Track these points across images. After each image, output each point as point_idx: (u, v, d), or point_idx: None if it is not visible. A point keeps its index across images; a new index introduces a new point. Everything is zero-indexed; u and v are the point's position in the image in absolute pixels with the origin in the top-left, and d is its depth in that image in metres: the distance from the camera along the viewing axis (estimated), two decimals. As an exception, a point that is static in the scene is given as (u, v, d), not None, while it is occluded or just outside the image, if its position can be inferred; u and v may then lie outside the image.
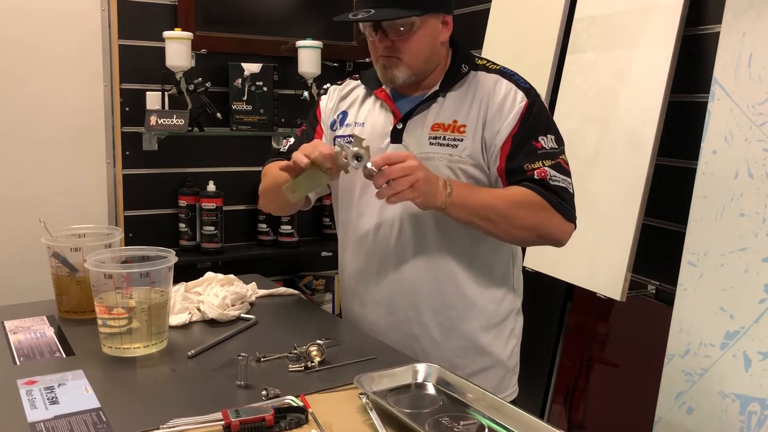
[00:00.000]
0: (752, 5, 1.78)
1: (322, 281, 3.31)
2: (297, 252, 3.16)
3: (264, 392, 1.14)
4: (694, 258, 1.87)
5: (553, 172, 1.43)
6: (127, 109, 2.89)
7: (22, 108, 2.72)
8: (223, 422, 1.01)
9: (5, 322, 1.51)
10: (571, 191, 1.46)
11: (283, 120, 3.13)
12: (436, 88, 1.49)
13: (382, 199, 1.33)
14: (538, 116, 1.45)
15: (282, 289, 1.78)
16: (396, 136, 1.50)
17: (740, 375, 1.72)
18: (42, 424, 1.05)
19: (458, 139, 1.46)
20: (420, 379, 1.21)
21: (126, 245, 1.86)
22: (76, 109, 2.81)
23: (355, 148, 1.31)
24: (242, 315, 1.56)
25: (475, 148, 1.45)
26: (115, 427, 1.05)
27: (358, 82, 1.64)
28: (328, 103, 1.65)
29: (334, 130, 1.60)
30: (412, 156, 1.35)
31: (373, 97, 1.57)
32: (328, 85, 1.70)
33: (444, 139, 1.46)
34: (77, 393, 1.16)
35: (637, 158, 1.99)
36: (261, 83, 3.00)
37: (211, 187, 2.98)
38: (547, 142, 1.45)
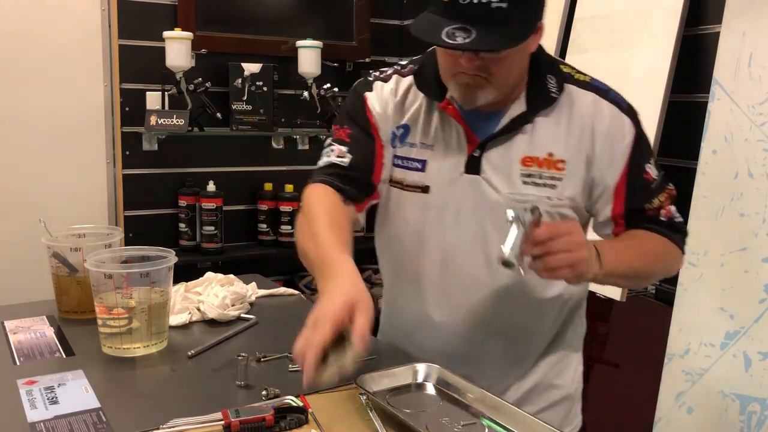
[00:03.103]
0: (752, 5, 1.78)
1: (322, 281, 3.30)
2: (297, 252, 3.15)
3: (264, 392, 1.14)
4: (694, 258, 1.87)
5: (673, 209, 1.29)
6: (127, 109, 2.89)
7: (22, 108, 2.72)
8: (223, 422, 1.01)
9: (5, 322, 1.51)
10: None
11: (283, 120, 3.13)
12: (523, 108, 1.21)
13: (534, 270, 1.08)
14: (645, 143, 1.25)
15: (282, 289, 1.78)
16: (473, 167, 1.23)
17: (740, 375, 1.72)
18: (42, 424, 1.05)
19: (557, 178, 1.21)
20: (420, 379, 1.21)
21: (126, 245, 1.86)
22: (76, 109, 2.81)
23: (507, 252, 1.03)
24: (242, 315, 1.56)
25: (576, 188, 1.22)
26: (115, 427, 1.05)
27: (411, 81, 1.29)
28: (381, 105, 1.30)
29: (394, 147, 1.30)
30: (577, 226, 1.12)
31: (438, 111, 1.26)
32: (376, 74, 1.33)
33: (540, 177, 1.21)
34: (77, 393, 1.16)
35: (637, 158, 1.99)
36: (261, 83, 3.00)
37: (211, 187, 2.98)
38: (653, 170, 1.26)
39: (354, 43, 3.32)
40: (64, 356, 1.33)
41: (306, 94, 3.08)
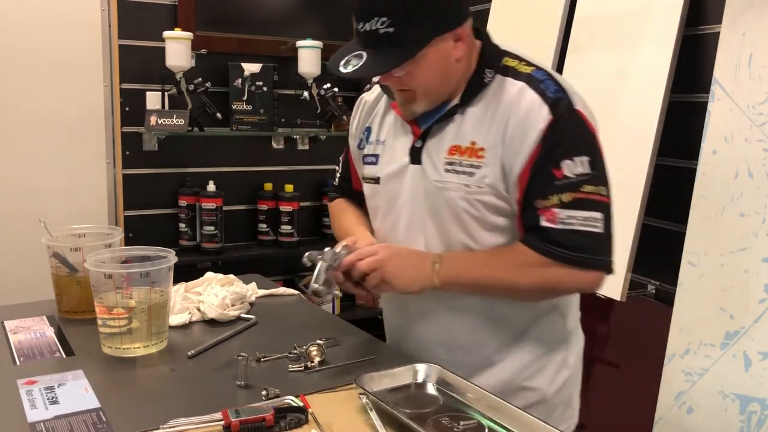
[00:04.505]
0: (752, 5, 1.78)
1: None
2: (297, 252, 3.15)
3: (264, 392, 1.14)
4: (694, 258, 1.87)
5: (567, 213, 1.19)
6: (127, 109, 2.89)
7: (22, 108, 2.72)
8: (223, 422, 1.01)
9: (5, 322, 1.51)
10: (598, 230, 1.20)
11: (283, 120, 3.13)
12: (456, 101, 1.29)
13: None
14: (564, 135, 1.20)
15: (282, 289, 1.78)
16: (415, 157, 1.33)
17: (740, 375, 1.72)
18: (42, 424, 1.05)
19: (476, 166, 1.25)
20: (420, 379, 1.21)
21: (126, 245, 1.86)
22: (76, 109, 2.81)
23: (315, 285, 1.29)
24: (242, 315, 1.56)
25: (495, 175, 1.24)
26: (115, 427, 1.05)
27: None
28: (354, 119, 1.50)
29: (362, 149, 1.45)
30: (384, 247, 1.31)
31: (393, 110, 1.39)
32: (367, 86, 1.51)
33: (460, 165, 1.27)
34: (77, 393, 1.16)
35: (637, 158, 1.99)
36: (261, 83, 3.00)
37: (211, 187, 2.98)
38: (573, 167, 1.20)
39: (354, 43, 3.32)
40: (64, 356, 1.33)
41: (306, 94, 3.08)
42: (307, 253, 1.32)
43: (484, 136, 1.26)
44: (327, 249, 1.32)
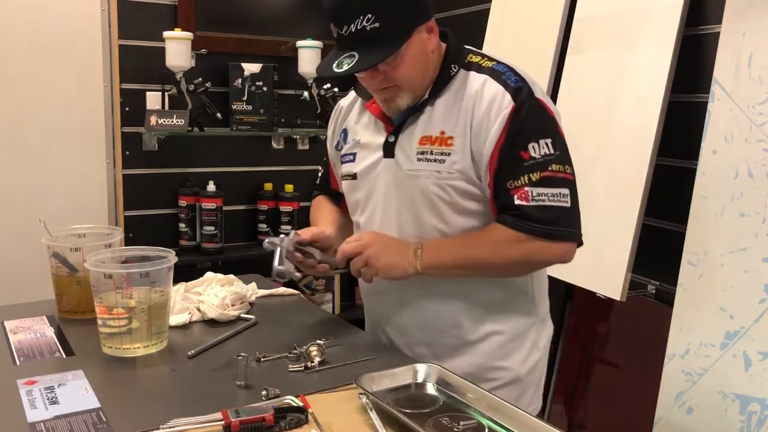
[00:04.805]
0: (752, 5, 1.78)
1: (322, 281, 3.31)
2: (297, 252, 3.16)
3: (264, 392, 1.14)
4: (694, 258, 1.87)
5: (537, 191, 1.27)
6: (127, 109, 2.89)
7: (23, 108, 2.72)
8: (223, 422, 1.01)
9: (5, 322, 1.51)
10: (567, 204, 1.29)
11: (283, 120, 3.13)
12: (426, 96, 1.37)
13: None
14: (528, 120, 1.29)
15: (282, 289, 1.78)
16: (388, 151, 1.41)
17: (740, 375, 1.72)
18: (42, 424, 1.05)
19: (446, 153, 1.34)
20: (420, 379, 1.21)
21: (126, 245, 1.86)
22: (76, 109, 2.81)
23: (279, 267, 1.36)
24: (242, 315, 1.56)
25: (465, 162, 1.33)
26: (115, 427, 1.05)
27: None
28: (331, 123, 1.59)
29: (339, 150, 1.53)
30: (368, 233, 1.38)
31: (367, 110, 1.48)
32: (328, 85, 1.67)
33: (431, 153, 1.35)
34: (77, 393, 1.16)
35: (637, 158, 1.99)
36: (261, 83, 3.00)
37: (211, 187, 2.98)
38: (538, 149, 1.28)
39: (354, 43, 3.32)
40: (64, 356, 1.33)
41: (306, 94, 3.08)
42: (267, 239, 1.40)
43: (453, 125, 1.34)
44: (282, 235, 1.41)
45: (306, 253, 1.43)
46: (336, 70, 1.28)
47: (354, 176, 1.48)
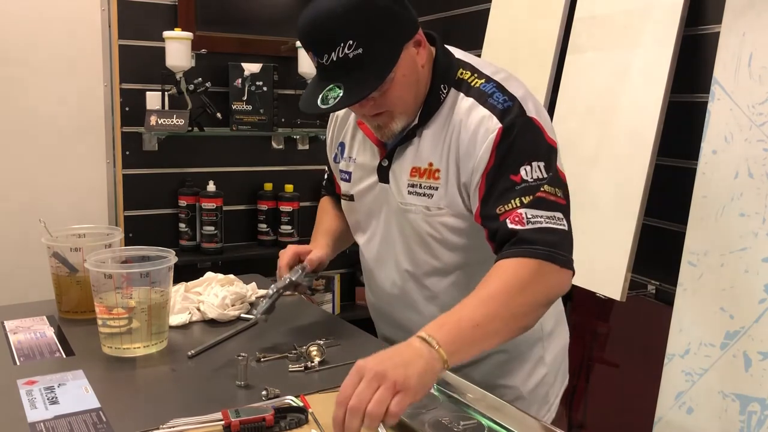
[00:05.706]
0: (752, 5, 1.78)
1: (322, 281, 3.31)
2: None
3: (264, 392, 1.14)
4: (694, 258, 1.87)
5: (531, 213, 1.14)
6: (127, 109, 2.89)
7: (23, 108, 2.72)
8: (223, 422, 1.01)
9: (5, 322, 1.51)
10: (562, 227, 1.16)
11: (283, 120, 3.13)
12: (416, 121, 1.26)
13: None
14: (518, 141, 1.17)
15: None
16: (383, 176, 1.33)
17: (740, 375, 1.72)
18: (42, 424, 1.05)
19: (433, 188, 1.25)
20: (420, 379, 1.21)
21: (126, 245, 1.86)
22: (76, 109, 2.81)
23: (260, 316, 1.40)
24: (242, 315, 1.56)
25: (451, 196, 1.24)
26: (115, 427, 1.05)
27: None
28: (329, 131, 1.50)
29: (337, 163, 1.46)
30: (357, 365, 0.99)
31: (360, 128, 1.38)
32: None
33: (420, 187, 1.26)
34: (77, 393, 1.16)
35: (637, 158, 1.99)
36: (261, 83, 3.00)
37: (211, 187, 2.98)
38: (531, 172, 1.16)
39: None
40: (64, 356, 1.33)
41: (306, 94, 3.08)
42: (273, 286, 1.44)
43: (439, 157, 1.25)
44: (286, 276, 1.46)
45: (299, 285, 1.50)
46: (321, 106, 1.15)
47: (351, 197, 1.43)
